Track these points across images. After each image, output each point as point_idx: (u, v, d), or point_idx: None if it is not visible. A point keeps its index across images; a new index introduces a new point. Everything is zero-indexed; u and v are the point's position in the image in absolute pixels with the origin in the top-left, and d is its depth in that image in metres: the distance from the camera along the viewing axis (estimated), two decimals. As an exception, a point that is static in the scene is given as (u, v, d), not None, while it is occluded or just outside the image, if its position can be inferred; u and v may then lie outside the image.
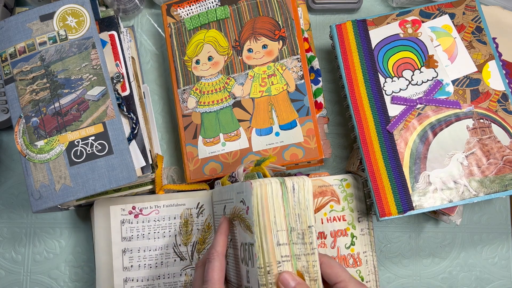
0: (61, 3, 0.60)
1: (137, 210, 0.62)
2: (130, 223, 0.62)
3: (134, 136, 0.59)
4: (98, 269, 0.61)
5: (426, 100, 0.60)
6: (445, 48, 0.62)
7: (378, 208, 0.57)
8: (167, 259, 0.62)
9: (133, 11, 0.71)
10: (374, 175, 0.58)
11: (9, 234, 0.69)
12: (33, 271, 0.69)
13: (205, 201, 0.62)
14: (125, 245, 0.62)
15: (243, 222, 0.49)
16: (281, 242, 0.47)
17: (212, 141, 0.64)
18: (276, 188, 0.47)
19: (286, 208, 0.48)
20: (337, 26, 0.64)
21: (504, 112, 0.59)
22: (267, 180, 0.47)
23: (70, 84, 0.58)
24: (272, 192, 0.47)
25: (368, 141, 0.59)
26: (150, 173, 0.59)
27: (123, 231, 0.62)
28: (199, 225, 0.62)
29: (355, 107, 0.61)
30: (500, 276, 0.69)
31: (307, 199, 0.49)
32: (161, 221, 0.62)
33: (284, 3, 0.65)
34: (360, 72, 0.62)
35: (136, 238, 0.62)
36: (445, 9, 0.63)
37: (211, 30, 0.67)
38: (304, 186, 0.49)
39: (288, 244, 0.47)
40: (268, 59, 0.64)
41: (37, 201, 0.56)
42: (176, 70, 0.67)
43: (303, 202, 0.49)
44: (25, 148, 0.57)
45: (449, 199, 0.57)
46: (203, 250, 0.62)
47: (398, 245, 0.69)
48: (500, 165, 0.57)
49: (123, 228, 0.62)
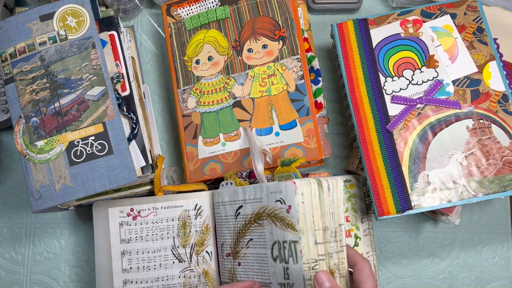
0: (61, 3, 0.60)
1: (135, 212, 0.62)
2: (129, 225, 0.62)
3: (134, 136, 0.59)
4: (98, 271, 0.61)
5: (426, 100, 0.60)
6: (446, 48, 0.62)
7: (376, 207, 0.57)
8: (165, 261, 0.62)
9: (133, 11, 0.71)
10: (373, 174, 0.58)
11: (9, 234, 0.69)
12: (33, 271, 0.69)
13: (203, 202, 0.62)
14: (124, 247, 0.62)
15: (281, 220, 0.51)
16: (318, 241, 0.50)
17: (212, 141, 0.64)
18: (314, 188, 0.50)
19: (322, 207, 0.51)
20: (338, 25, 0.64)
21: (504, 113, 0.59)
22: (307, 181, 0.50)
23: (70, 84, 0.58)
24: (311, 192, 0.50)
25: (368, 140, 0.59)
26: (150, 173, 0.59)
27: (122, 233, 0.62)
28: (197, 227, 0.62)
29: (355, 106, 0.61)
30: (500, 276, 0.69)
31: (339, 199, 0.52)
32: (159, 223, 0.62)
33: (284, 3, 0.65)
34: (361, 71, 0.62)
35: (135, 240, 0.62)
36: (447, 9, 0.63)
37: (211, 30, 0.66)
38: (337, 186, 0.52)
39: (323, 243, 0.50)
40: (268, 59, 0.64)
41: (37, 201, 0.56)
42: (176, 70, 0.67)
43: (336, 201, 0.52)
44: (25, 148, 0.57)
45: (448, 199, 0.57)
46: (202, 252, 0.61)
47: (398, 245, 0.69)
48: (499, 165, 0.57)
49: (121, 230, 0.62)
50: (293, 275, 0.49)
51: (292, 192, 0.49)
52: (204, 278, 0.61)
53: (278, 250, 0.51)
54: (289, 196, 0.50)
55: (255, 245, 0.54)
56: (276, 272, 0.51)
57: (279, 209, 0.51)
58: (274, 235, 0.51)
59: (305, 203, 0.50)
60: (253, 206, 0.54)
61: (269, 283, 0.52)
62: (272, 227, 0.52)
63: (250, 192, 0.55)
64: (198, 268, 0.61)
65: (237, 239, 0.57)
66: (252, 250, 0.55)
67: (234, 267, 0.57)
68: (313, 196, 0.50)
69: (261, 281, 0.54)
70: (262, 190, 0.53)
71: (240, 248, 0.57)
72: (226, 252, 0.58)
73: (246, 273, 0.55)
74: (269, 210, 0.52)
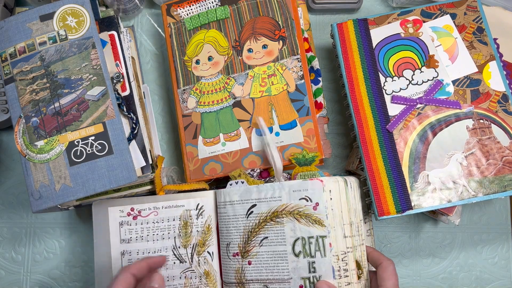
0: (61, 3, 0.60)
1: (135, 211, 0.62)
2: (129, 225, 0.61)
3: (134, 136, 0.59)
4: (97, 271, 0.61)
5: (426, 100, 0.60)
6: (446, 48, 0.62)
7: (376, 207, 0.57)
8: (166, 262, 0.61)
9: (133, 11, 0.71)
10: (373, 174, 0.58)
11: (9, 234, 0.69)
12: (33, 271, 0.69)
13: (205, 202, 0.62)
14: (124, 247, 0.61)
15: (306, 217, 0.53)
16: (346, 235, 0.54)
17: (212, 141, 0.64)
18: (342, 186, 0.55)
19: (348, 203, 0.55)
20: (338, 25, 0.64)
21: (504, 113, 0.59)
22: (334, 179, 0.54)
23: (70, 84, 0.58)
24: (339, 189, 0.54)
25: (368, 140, 0.60)
26: (150, 173, 0.59)
27: (122, 233, 0.61)
28: (198, 227, 0.61)
29: (355, 106, 0.61)
30: (500, 276, 0.69)
31: (358, 196, 0.57)
32: (160, 223, 0.61)
33: (284, 3, 0.65)
34: (361, 71, 0.62)
35: (135, 240, 0.61)
36: (447, 9, 0.63)
37: (211, 30, 0.66)
38: (356, 184, 0.57)
39: (351, 236, 0.54)
40: (268, 59, 0.64)
41: (37, 201, 0.56)
42: (176, 70, 0.67)
43: (357, 198, 0.57)
44: (25, 148, 0.57)
45: (448, 199, 0.57)
46: (203, 253, 0.61)
47: (398, 245, 0.69)
48: (499, 165, 0.57)
49: (121, 230, 0.61)
50: (321, 268, 0.52)
51: (319, 190, 0.53)
52: (205, 279, 0.61)
53: (302, 245, 0.53)
54: (316, 193, 0.53)
55: (270, 243, 0.55)
56: (299, 267, 0.53)
57: (304, 207, 0.53)
58: (296, 231, 0.54)
59: (333, 199, 0.53)
60: (270, 204, 0.55)
61: (288, 279, 0.54)
62: (294, 224, 0.54)
63: (267, 191, 0.56)
64: (199, 268, 0.61)
65: (248, 238, 0.57)
66: (266, 248, 0.56)
67: (242, 266, 0.57)
68: (341, 193, 0.54)
69: (276, 278, 0.55)
70: (282, 189, 0.55)
71: (251, 247, 0.57)
72: (233, 252, 0.58)
73: (258, 272, 0.56)
74: (291, 208, 0.54)
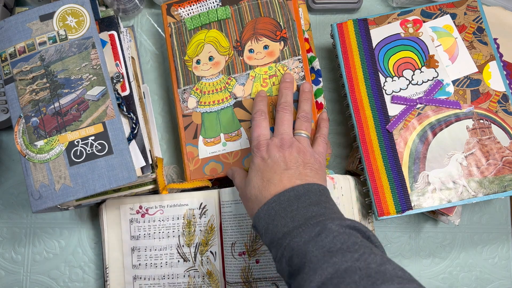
0: (61, 3, 0.60)
1: (143, 209, 0.64)
2: (138, 222, 0.63)
3: (134, 136, 0.59)
4: (110, 265, 0.63)
5: (426, 100, 0.60)
6: (446, 48, 0.62)
7: (376, 207, 0.57)
8: (171, 260, 0.62)
9: (133, 11, 0.71)
10: (373, 174, 0.58)
11: (9, 234, 0.69)
12: (33, 271, 0.69)
13: (208, 201, 0.62)
14: (134, 243, 0.63)
15: None
16: None
17: (212, 141, 0.64)
18: (351, 183, 0.58)
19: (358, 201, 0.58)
20: (338, 25, 0.64)
21: (504, 113, 0.59)
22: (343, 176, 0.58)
23: (70, 84, 0.58)
24: (349, 187, 0.58)
25: (368, 140, 0.60)
26: (150, 173, 0.59)
27: (132, 230, 0.63)
28: (201, 226, 0.62)
29: (355, 106, 0.61)
30: (500, 276, 0.69)
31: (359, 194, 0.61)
32: (165, 221, 0.63)
33: (286, 4, 0.65)
34: (361, 71, 0.62)
35: (143, 237, 0.63)
36: (447, 9, 0.63)
37: (212, 30, 0.66)
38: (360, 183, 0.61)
39: None
40: (270, 59, 0.64)
41: (37, 201, 0.56)
42: (177, 70, 0.67)
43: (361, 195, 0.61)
44: (25, 148, 0.57)
45: (448, 199, 0.57)
46: (206, 252, 0.62)
47: (398, 245, 0.69)
48: (499, 166, 0.57)
49: (131, 227, 0.63)
50: None
51: (330, 187, 0.54)
52: (208, 279, 0.61)
53: None
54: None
55: None
56: None
57: None
58: None
59: (344, 195, 0.55)
60: None
61: None
62: None
63: None
64: (202, 268, 0.61)
65: (256, 236, 0.57)
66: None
67: (249, 265, 0.58)
68: (351, 190, 0.57)
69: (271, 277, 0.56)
70: None
71: (259, 245, 0.58)
72: (239, 251, 0.59)
73: (267, 270, 0.57)
74: None
